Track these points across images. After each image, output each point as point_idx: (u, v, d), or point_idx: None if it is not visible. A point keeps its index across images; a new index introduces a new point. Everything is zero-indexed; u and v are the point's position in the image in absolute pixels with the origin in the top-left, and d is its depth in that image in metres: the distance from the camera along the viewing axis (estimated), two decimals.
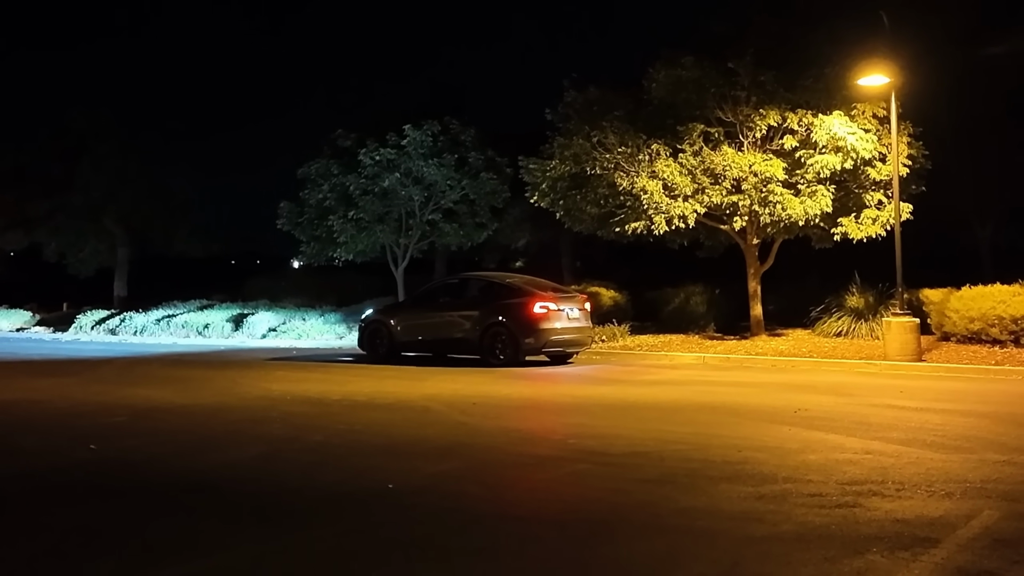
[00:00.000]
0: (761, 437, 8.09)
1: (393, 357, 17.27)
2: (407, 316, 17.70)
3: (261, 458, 7.46)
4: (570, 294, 17.09)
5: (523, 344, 15.92)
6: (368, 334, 17.96)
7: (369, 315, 18.66)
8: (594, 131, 18.29)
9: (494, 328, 16.25)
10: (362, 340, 18.17)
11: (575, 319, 16.42)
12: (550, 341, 16.05)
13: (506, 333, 16.10)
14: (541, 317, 15.92)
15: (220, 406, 10.65)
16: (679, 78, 18.12)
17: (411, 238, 24.40)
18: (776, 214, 16.94)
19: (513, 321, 16.05)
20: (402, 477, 6.50)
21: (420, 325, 17.32)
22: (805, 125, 17.09)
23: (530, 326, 15.91)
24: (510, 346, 16.00)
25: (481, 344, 16.25)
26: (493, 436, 8.31)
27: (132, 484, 6.47)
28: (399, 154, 23.08)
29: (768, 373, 14.27)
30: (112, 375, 14.57)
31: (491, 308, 16.45)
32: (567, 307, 16.32)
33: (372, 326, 17.99)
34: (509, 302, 16.38)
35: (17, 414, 10.22)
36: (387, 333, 17.61)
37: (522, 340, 15.91)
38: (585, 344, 17.12)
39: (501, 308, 16.33)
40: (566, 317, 16.26)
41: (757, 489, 6.03)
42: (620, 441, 7.90)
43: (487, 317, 16.38)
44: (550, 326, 15.98)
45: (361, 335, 18.25)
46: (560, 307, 16.18)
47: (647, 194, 17.25)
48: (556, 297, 16.37)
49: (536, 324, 15.90)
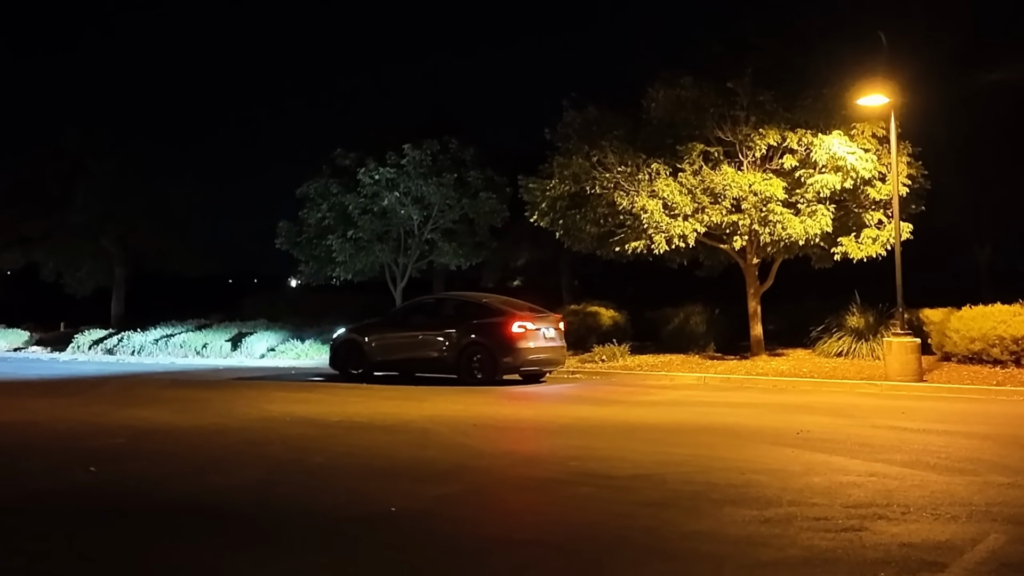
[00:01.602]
0: (764, 459, 8.05)
1: (366, 377, 17.17)
2: (382, 335, 17.55)
3: (262, 481, 7.40)
4: (545, 314, 17.27)
5: (501, 363, 16.16)
6: (342, 353, 17.84)
7: (341, 334, 18.40)
8: (593, 150, 18.33)
9: (472, 347, 16.42)
10: (335, 359, 17.99)
11: (551, 339, 16.78)
12: (527, 360, 16.38)
13: (484, 352, 16.29)
14: (519, 336, 16.24)
15: (219, 428, 10.59)
16: (678, 98, 18.17)
17: (410, 257, 24.41)
18: (776, 233, 16.95)
19: (491, 340, 16.25)
20: (404, 501, 6.45)
21: (395, 344, 17.26)
22: (805, 144, 17.14)
23: (508, 345, 16.17)
24: (488, 365, 16.21)
25: (458, 363, 16.38)
26: (495, 458, 8.26)
27: (132, 507, 6.41)
28: (398, 173, 23.12)
29: (769, 394, 14.23)
30: (110, 396, 14.51)
31: (469, 327, 16.58)
32: (543, 327, 16.66)
33: (345, 345, 17.86)
34: (487, 321, 16.57)
35: (16, 435, 10.16)
36: (360, 352, 17.50)
37: (500, 359, 16.15)
38: (559, 363, 17.36)
39: (479, 327, 16.50)
40: (542, 337, 16.61)
41: (762, 512, 5.99)
42: (622, 463, 7.85)
43: (465, 336, 16.50)
44: (527, 345, 16.30)
45: (334, 354, 18.10)
46: (536, 327, 16.52)
47: (647, 213, 17.26)
48: (533, 317, 16.68)
49: (514, 343, 16.18)
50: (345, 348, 17.82)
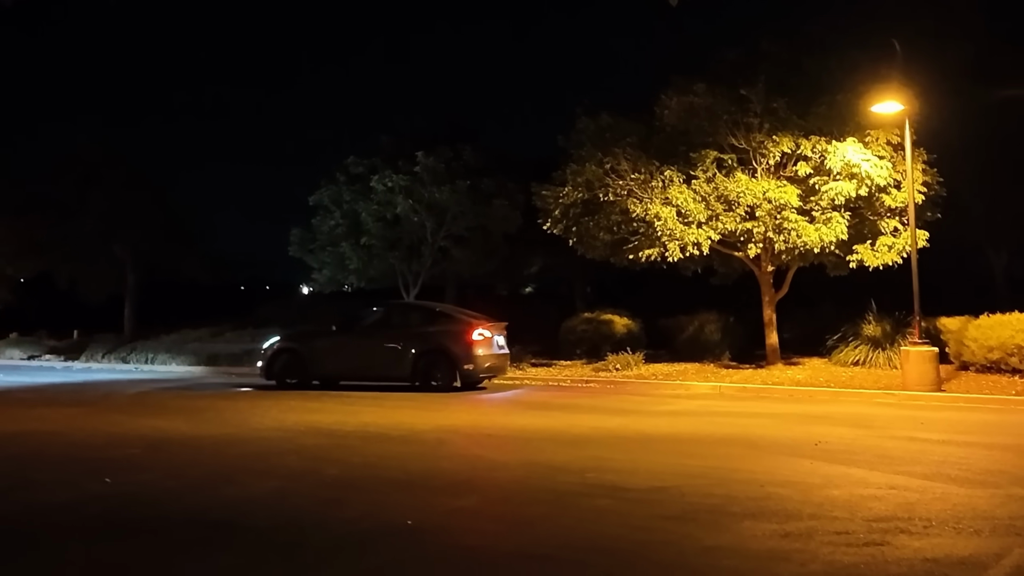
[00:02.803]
0: (782, 471, 7.98)
1: (304, 386, 16.82)
2: (327, 344, 17.22)
3: (278, 493, 7.37)
4: (494, 322, 17.33)
5: (462, 370, 16.29)
6: (280, 362, 17.26)
7: (275, 343, 17.72)
8: (607, 157, 18.28)
9: (431, 355, 16.46)
10: (269, 368, 17.33)
11: (501, 347, 17.07)
12: (484, 368, 16.57)
13: (444, 359, 16.39)
14: (479, 344, 16.44)
15: (234, 438, 10.58)
16: (691, 105, 18.13)
17: (423, 265, 24.35)
18: (791, 241, 16.86)
19: (453, 348, 16.37)
20: (420, 513, 6.41)
21: (344, 353, 16.95)
22: (819, 152, 17.04)
23: (469, 353, 16.32)
24: (447, 372, 16.31)
25: (414, 370, 16.36)
26: (510, 469, 8.21)
27: (148, 519, 6.39)
28: (411, 180, 23.09)
29: (785, 403, 14.12)
30: (124, 405, 14.52)
31: (427, 335, 16.67)
32: (495, 334, 16.88)
33: (283, 354, 17.33)
34: (447, 329, 16.72)
35: (31, 445, 10.16)
36: (299, 361, 17.11)
37: (461, 366, 16.29)
38: (504, 371, 17.60)
39: (439, 335, 16.61)
40: (495, 345, 16.85)
41: (782, 526, 5.93)
42: (639, 475, 7.79)
43: (424, 343, 16.54)
44: (486, 352, 16.52)
45: (268, 363, 17.37)
46: (491, 334, 16.75)
47: (660, 221, 17.20)
48: (489, 325, 16.87)
49: (475, 351, 16.35)
50: (283, 357, 17.28)
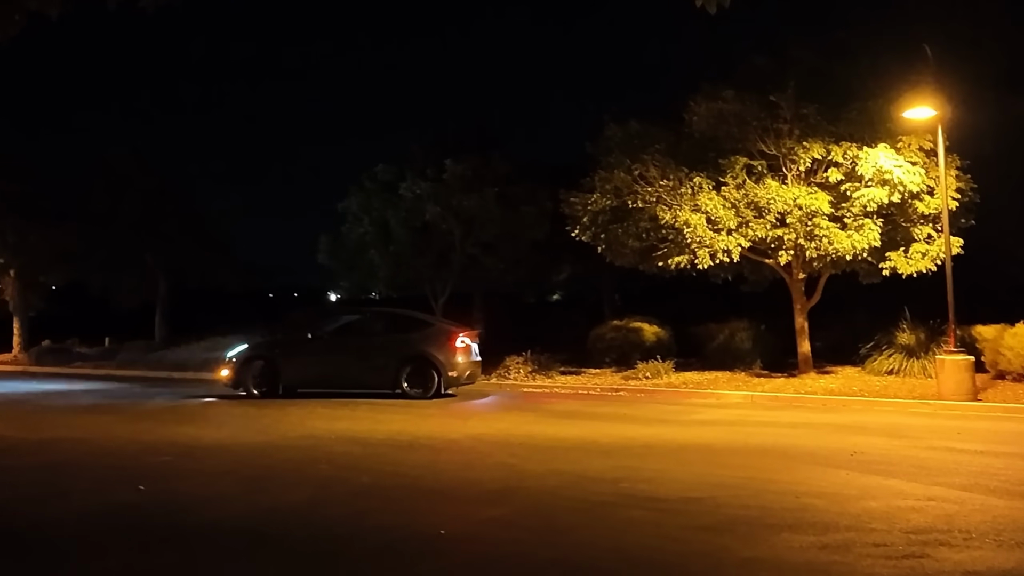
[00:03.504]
0: (818, 482, 7.89)
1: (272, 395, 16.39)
2: (301, 352, 16.90)
3: (310, 502, 7.38)
4: (469, 329, 17.43)
5: (447, 377, 16.27)
6: (252, 372, 16.70)
7: (243, 351, 17.20)
8: (635, 164, 18.21)
9: (416, 362, 16.42)
10: (239, 378, 16.73)
11: (476, 354, 17.08)
12: (466, 375, 16.65)
13: (429, 367, 16.34)
14: (461, 351, 16.52)
15: (265, 445, 10.60)
16: (720, 111, 18.03)
17: (451, 272, 24.34)
18: (823, 248, 16.71)
19: (438, 355, 16.36)
20: (454, 523, 6.39)
21: (321, 361, 16.70)
22: (850, 158, 16.88)
23: (453, 360, 16.37)
24: (432, 379, 16.27)
25: (397, 377, 16.29)
26: (542, 479, 8.16)
27: (182, 528, 6.41)
28: (439, 187, 23.12)
29: (819, 413, 13.98)
30: (156, 412, 14.59)
31: (410, 341, 16.65)
32: (472, 342, 16.94)
33: (254, 364, 16.82)
34: (431, 336, 16.72)
35: (65, 453, 10.24)
36: (272, 370, 16.64)
37: (446, 373, 16.27)
38: (478, 377, 17.63)
39: (422, 341, 16.61)
40: (473, 352, 16.92)
41: (819, 538, 5.86)
42: (673, 485, 7.73)
43: (408, 350, 16.51)
44: (465, 360, 16.57)
45: (239, 373, 16.76)
46: (471, 342, 16.86)
47: (690, 228, 17.11)
48: (468, 332, 17.01)
49: (459, 358, 16.43)
50: (255, 366, 16.78)
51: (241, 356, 17.07)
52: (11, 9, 4.28)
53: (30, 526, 6.57)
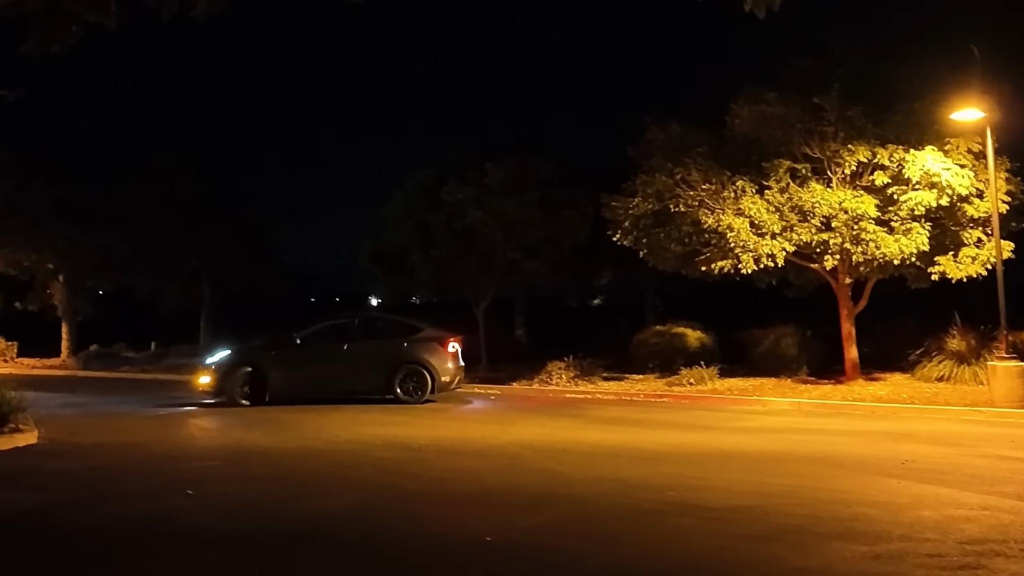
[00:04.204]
0: (869, 491, 7.77)
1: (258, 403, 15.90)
2: (290, 357, 16.47)
3: (357, 507, 7.42)
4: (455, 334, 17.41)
5: (439, 382, 16.35)
6: (238, 379, 16.16)
7: (228, 357, 16.74)
8: (677, 168, 18.07)
9: (409, 366, 16.43)
10: (223, 386, 16.16)
11: (461, 359, 17.12)
12: (457, 380, 16.79)
13: (422, 371, 16.38)
14: (452, 356, 16.66)
15: (311, 450, 10.69)
16: (763, 114, 17.85)
17: (493, 276, 24.34)
18: (869, 252, 16.46)
19: (431, 360, 16.45)
20: (500, 529, 6.37)
21: (312, 366, 16.40)
22: (896, 160, 16.63)
23: (445, 364, 16.49)
24: (424, 384, 16.31)
25: (390, 383, 16.27)
26: (588, 486, 8.13)
27: (230, 532, 6.47)
28: (481, 192, 23.14)
29: (868, 420, 13.76)
30: (201, 415, 14.75)
31: (403, 346, 16.64)
32: (458, 347, 17.04)
33: (240, 370, 16.27)
34: (423, 341, 16.75)
35: (115, 457, 10.39)
36: (260, 377, 16.17)
37: (439, 378, 16.35)
38: (462, 382, 17.59)
39: (415, 346, 16.64)
40: (459, 356, 17.00)
41: (872, 548, 5.78)
42: (720, 494, 7.65)
43: (401, 355, 16.52)
44: (455, 365, 16.69)
45: (222, 380, 16.21)
46: (458, 347, 16.96)
47: (733, 232, 16.94)
48: (455, 337, 17.02)
49: (450, 362, 16.57)
50: (240, 373, 16.24)
51: (226, 362, 16.58)
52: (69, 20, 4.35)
53: (80, 529, 6.66)
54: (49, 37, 4.42)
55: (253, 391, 16.13)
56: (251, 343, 17.46)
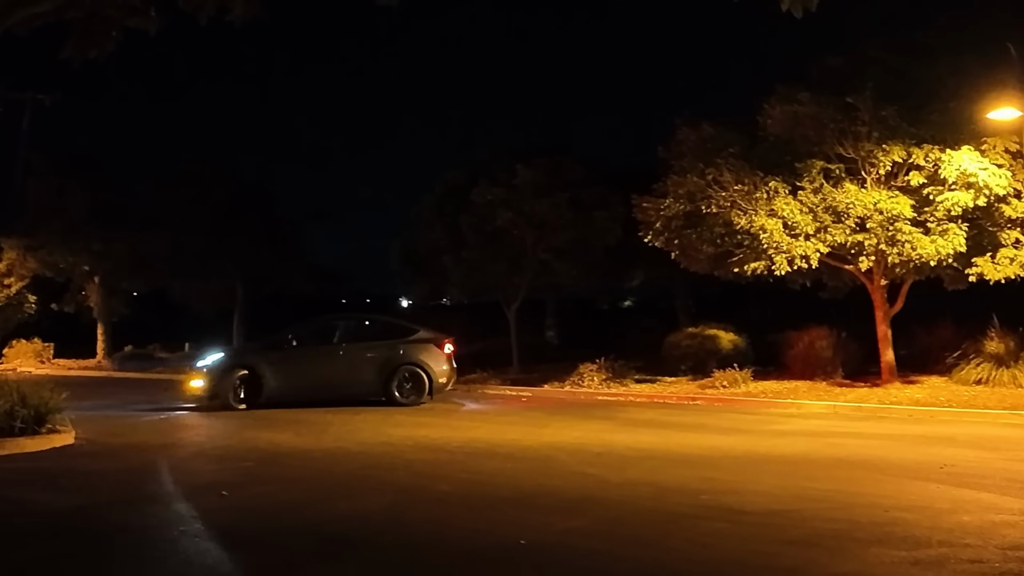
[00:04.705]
0: (907, 496, 7.67)
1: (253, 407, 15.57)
2: (286, 360, 16.24)
3: (390, 508, 7.43)
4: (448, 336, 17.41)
5: (436, 384, 16.32)
6: (232, 382, 15.77)
7: (222, 360, 16.49)
8: (708, 168, 17.95)
9: (406, 368, 16.36)
10: (217, 389, 15.71)
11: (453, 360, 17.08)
12: (451, 382, 16.85)
13: (419, 373, 16.34)
14: (448, 357, 16.68)
15: (343, 451, 10.74)
16: (795, 114, 17.69)
17: (524, 277, 24.33)
18: (905, 254, 16.26)
19: (427, 361, 16.40)
20: (534, 532, 6.35)
21: (306, 369, 16.20)
22: (932, 161, 16.42)
23: (442, 366, 16.51)
24: (420, 386, 16.28)
25: (388, 385, 16.16)
26: (621, 489, 8.09)
27: (264, 533, 6.50)
28: (511, 193, 23.14)
29: (905, 424, 13.60)
30: (234, 417, 14.82)
31: (400, 348, 16.58)
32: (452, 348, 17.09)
33: (234, 373, 15.91)
34: (417, 342, 16.70)
35: (151, 457, 10.49)
36: (255, 380, 15.82)
37: (436, 380, 16.33)
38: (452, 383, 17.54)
39: (412, 348, 16.57)
40: (452, 357, 17.00)
41: (911, 554, 5.70)
42: (757, 498, 7.58)
43: (399, 357, 16.44)
44: (449, 367, 16.69)
45: (216, 383, 15.76)
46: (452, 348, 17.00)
47: (766, 233, 16.80)
48: (449, 339, 17.05)
49: (446, 364, 16.58)
50: (235, 376, 15.87)
51: (220, 365, 16.24)
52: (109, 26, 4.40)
53: (116, 529, 6.73)
54: (89, 42, 4.48)
55: (249, 394, 15.78)
56: (245, 345, 17.26)
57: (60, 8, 4.37)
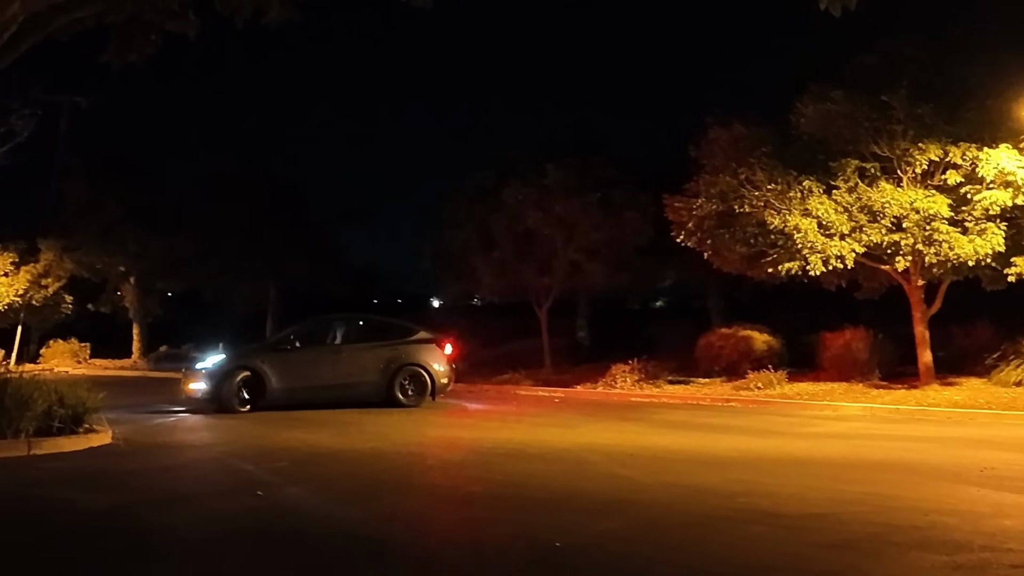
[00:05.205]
0: (947, 499, 7.55)
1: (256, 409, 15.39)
2: (289, 362, 16.02)
3: (425, 509, 7.43)
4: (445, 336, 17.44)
5: (438, 384, 16.32)
6: (234, 384, 15.49)
7: (223, 362, 16.09)
8: (741, 168, 17.85)
9: (409, 369, 16.31)
10: (219, 392, 15.42)
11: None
12: (451, 383, 16.84)
13: (421, 374, 16.32)
14: (448, 358, 16.69)
15: (377, 452, 10.76)
16: (828, 112, 17.58)
17: (554, 278, 24.28)
18: (942, 253, 16.07)
19: (431, 362, 16.39)
20: (568, 535, 6.31)
21: (312, 370, 15.98)
22: (969, 159, 16.23)
23: (444, 367, 16.52)
24: (422, 387, 16.27)
25: (391, 386, 16.10)
26: (656, 491, 8.03)
27: (299, 533, 6.50)
28: (541, 193, 23.11)
29: (944, 426, 13.42)
30: (270, 417, 14.90)
31: (402, 349, 16.52)
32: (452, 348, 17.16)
33: (236, 375, 15.61)
34: (419, 343, 16.68)
35: (184, 458, 10.57)
36: (260, 382, 15.58)
37: (439, 381, 16.34)
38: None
39: (413, 348, 16.54)
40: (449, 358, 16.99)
41: (952, 558, 5.59)
42: (794, 501, 7.49)
43: (401, 358, 16.37)
44: (449, 367, 16.68)
45: (217, 385, 15.46)
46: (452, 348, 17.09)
47: (800, 233, 16.68)
48: (448, 339, 17.10)
49: (445, 364, 16.55)
50: (237, 378, 15.57)
51: (221, 367, 15.87)
52: (149, 30, 4.44)
53: (152, 529, 6.77)
54: (129, 46, 4.52)
55: (252, 397, 15.54)
56: (247, 346, 17.10)
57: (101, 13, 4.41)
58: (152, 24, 4.36)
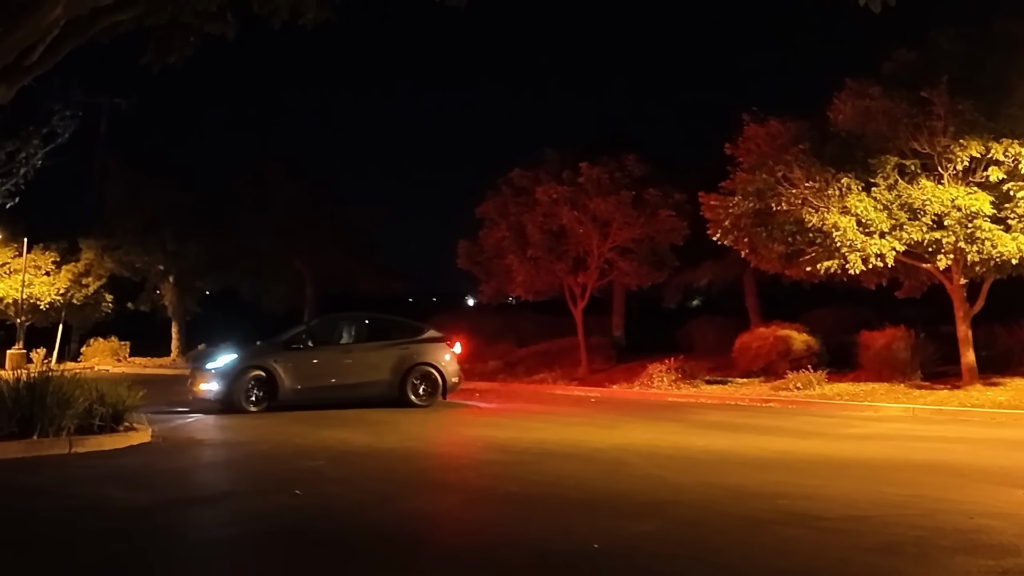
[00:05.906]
0: (993, 502, 7.42)
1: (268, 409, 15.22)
2: (301, 361, 15.79)
3: (461, 508, 7.44)
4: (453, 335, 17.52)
5: (449, 383, 16.35)
6: (246, 384, 15.31)
7: (235, 361, 15.65)
8: (778, 165, 17.66)
9: (420, 367, 16.28)
10: (229, 393, 15.18)
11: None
12: (460, 382, 16.83)
13: (431, 374, 16.32)
14: (457, 356, 16.75)
15: (413, 451, 10.79)
16: (867, 108, 17.31)
17: (589, 277, 24.19)
18: (985, 252, 15.78)
19: (439, 361, 16.41)
20: (606, 536, 6.27)
21: (324, 369, 15.83)
22: (1012, 156, 15.92)
23: (452, 366, 16.55)
24: (433, 387, 16.26)
25: (403, 385, 16.07)
26: (694, 493, 7.96)
27: (337, 532, 6.52)
28: (575, 191, 23.04)
29: (988, 428, 13.20)
30: (307, 415, 14.94)
31: (413, 348, 16.50)
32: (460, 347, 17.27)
33: (249, 375, 15.41)
34: (429, 342, 16.69)
35: (222, 456, 10.66)
36: (273, 382, 15.41)
37: (449, 380, 16.37)
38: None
39: (423, 348, 16.54)
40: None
41: (998, 563, 5.51)
42: (834, 503, 7.40)
43: (413, 357, 16.33)
44: (457, 366, 16.72)
45: (228, 386, 15.21)
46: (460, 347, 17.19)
47: (839, 231, 16.45)
48: (456, 338, 17.21)
49: (455, 363, 16.61)
50: (249, 377, 15.38)
51: (233, 367, 15.54)
52: (188, 32, 4.46)
53: (191, 527, 6.83)
54: (169, 48, 4.55)
55: (264, 397, 15.40)
56: (257, 344, 16.90)
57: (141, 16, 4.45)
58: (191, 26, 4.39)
